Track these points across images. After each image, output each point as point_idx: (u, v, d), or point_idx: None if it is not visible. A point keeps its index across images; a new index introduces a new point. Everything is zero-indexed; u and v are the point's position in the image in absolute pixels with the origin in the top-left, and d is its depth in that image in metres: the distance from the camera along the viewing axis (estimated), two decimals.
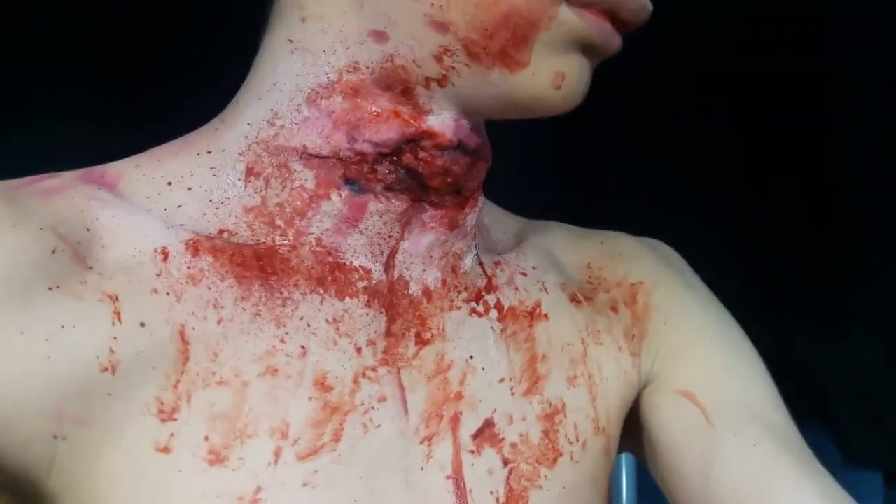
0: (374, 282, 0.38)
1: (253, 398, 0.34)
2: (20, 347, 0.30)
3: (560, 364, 0.42)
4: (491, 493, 0.37)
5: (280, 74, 0.37)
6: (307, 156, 0.36)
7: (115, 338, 0.32)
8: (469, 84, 0.36)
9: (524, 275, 0.44)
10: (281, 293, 0.36)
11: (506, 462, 0.38)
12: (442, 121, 0.37)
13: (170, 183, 0.37)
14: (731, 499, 0.39)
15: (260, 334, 0.35)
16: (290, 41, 0.37)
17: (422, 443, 0.37)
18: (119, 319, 0.32)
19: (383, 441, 0.36)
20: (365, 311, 0.38)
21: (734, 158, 0.87)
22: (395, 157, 0.36)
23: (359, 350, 0.37)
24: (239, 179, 0.37)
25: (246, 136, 0.37)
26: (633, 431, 0.47)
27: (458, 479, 0.37)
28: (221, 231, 0.37)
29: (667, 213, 0.79)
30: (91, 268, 0.33)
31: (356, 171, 0.36)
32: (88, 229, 0.34)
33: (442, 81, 0.36)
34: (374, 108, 0.36)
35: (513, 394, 0.40)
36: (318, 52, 0.36)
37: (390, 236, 0.38)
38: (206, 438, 0.33)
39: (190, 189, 0.37)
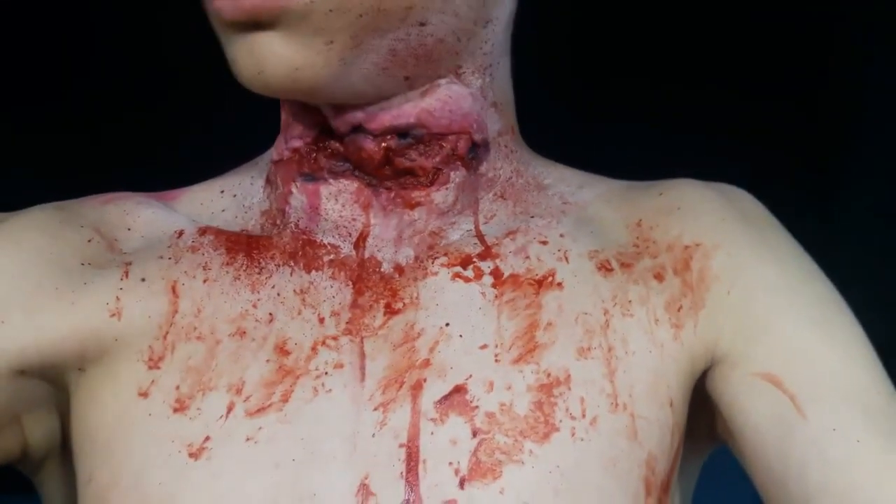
0: (341, 256, 0.39)
1: (221, 355, 0.36)
2: (54, 298, 0.36)
3: (570, 334, 0.36)
4: (450, 464, 0.33)
5: None
6: (275, 164, 0.41)
7: (121, 289, 0.37)
8: None
9: (544, 243, 0.39)
10: (259, 263, 0.39)
11: (476, 432, 0.33)
12: (326, 111, 0.38)
13: (223, 191, 0.43)
14: None
15: (237, 297, 0.38)
16: None
17: (376, 409, 0.34)
18: (126, 276, 0.38)
19: (332, 406, 0.35)
20: (329, 284, 0.38)
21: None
22: (325, 144, 0.39)
23: (321, 320, 0.37)
24: (261, 187, 0.42)
25: (272, 150, 0.43)
26: (711, 420, 0.39)
27: (411, 447, 0.33)
28: (242, 230, 0.41)
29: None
30: (125, 253, 0.39)
31: (305, 165, 0.39)
32: (129, 228, 0.41)
33: None
34: (294, 111, 0.39)
35: (497, 361, 0.35)
36: None
37: (354, 219, 0.39)
38: (177, 388, 0.35)
39: (235, 196, 0.43)
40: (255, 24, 0.33)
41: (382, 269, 0.39)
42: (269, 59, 0.34)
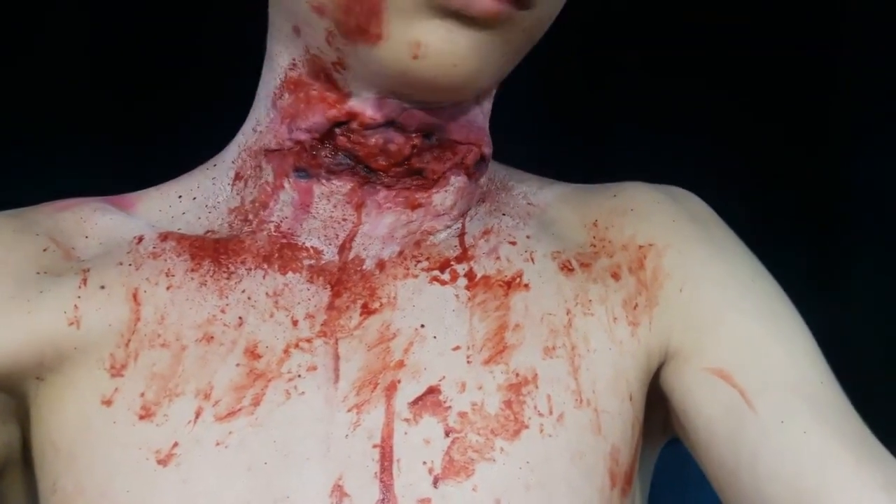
0: (322, 261, 0.39)
1: (187, 361, 0.36)
2: (9, 307, 0.35)
3: (537, 334, 0.37)
4: (424, 463, 0.33)
5: (261, 84, 0.41)
6: (268, 153, 0.39)
7: (80, 297, 0.36)
8: (359, 63, 0.35)
9: (513, 244, 0.41)
10: (227, 268, 0.38)
11: (448, 432, 0.34)
12: (363, 100, 0.37)
13: (180, 196, 0.42)
14: (786, 497, 0.33)
15: (203, 303, 0.37)
16: (266, 52, 0.41)
17: (349, 410, 0.35)
18: (85, 284, 0.37)
19: (305, 408, 0.35)
20: (306, 287, 0.38)
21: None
22: (329, 141, 0.38)
23: (295, 322, 0.37)
24: (228, 185, 0.41)
25: (239, 146, 0.42)
26: (665, 414, 0.40)
27: (385, 447, 0.33)
28: (207, 231, 0.40)
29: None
30: (83, 261, 0.38)
31: (302, 159, 0.38)
32: (87, 235, 0.40)
33: (340, 64, 0.36)
34: (306, 98, 0.38)
35: (469, 362, 0.36)
36: (274, 56, 0.40)
37: (344, 220, 0.39)
38: (142, 395, 0.35)
39: (195, 199, 0.42)
40: (478, 21, 0.32)
41: (364, 267, 0.39)
42: (470, 56, 0.33)
